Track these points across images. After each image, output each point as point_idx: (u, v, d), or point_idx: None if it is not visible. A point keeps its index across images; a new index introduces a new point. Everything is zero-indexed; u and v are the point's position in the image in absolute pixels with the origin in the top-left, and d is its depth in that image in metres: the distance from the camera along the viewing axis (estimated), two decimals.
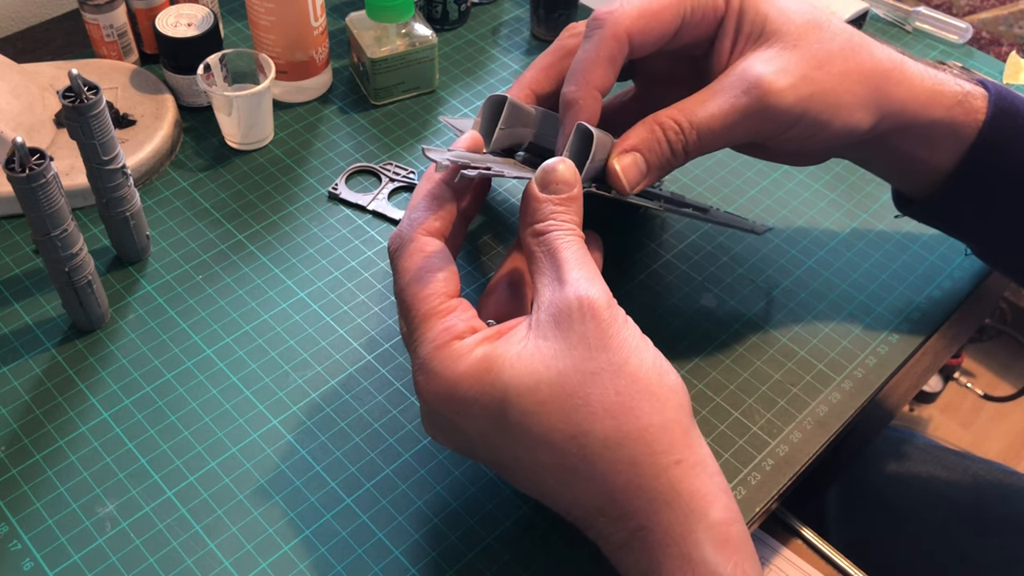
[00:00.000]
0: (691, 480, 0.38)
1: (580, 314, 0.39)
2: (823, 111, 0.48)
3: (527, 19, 0.80)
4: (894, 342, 0.58)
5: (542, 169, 0.43)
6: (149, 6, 0.70)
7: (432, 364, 0.40)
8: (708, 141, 0.48)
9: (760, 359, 0.56)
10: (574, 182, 0.43)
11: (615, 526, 0.39)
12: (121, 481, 0.49)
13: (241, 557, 0.46)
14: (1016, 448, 1.46)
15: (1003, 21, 1.27)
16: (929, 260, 0.62)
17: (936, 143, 0.51)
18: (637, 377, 0.39)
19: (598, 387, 0.38)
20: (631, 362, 0.39)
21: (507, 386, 0.38)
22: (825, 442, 0.53)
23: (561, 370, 0.38)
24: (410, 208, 0.44)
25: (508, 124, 0.48)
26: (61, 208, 0.49)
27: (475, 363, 0.39)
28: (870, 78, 0.49)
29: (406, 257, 0.43)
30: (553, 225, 0.42)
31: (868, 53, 0.49)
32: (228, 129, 0.67)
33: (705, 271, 0.61)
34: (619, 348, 0.39)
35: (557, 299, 0.40)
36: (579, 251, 0.41)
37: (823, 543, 0.60)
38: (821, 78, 0.48)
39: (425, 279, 0.42)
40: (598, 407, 0.38)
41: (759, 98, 0.47)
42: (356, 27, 0.70)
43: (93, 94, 0.50)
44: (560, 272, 0.40)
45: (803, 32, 0.48)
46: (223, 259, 0.60)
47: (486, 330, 0.41)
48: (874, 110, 0.49)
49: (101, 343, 0.55)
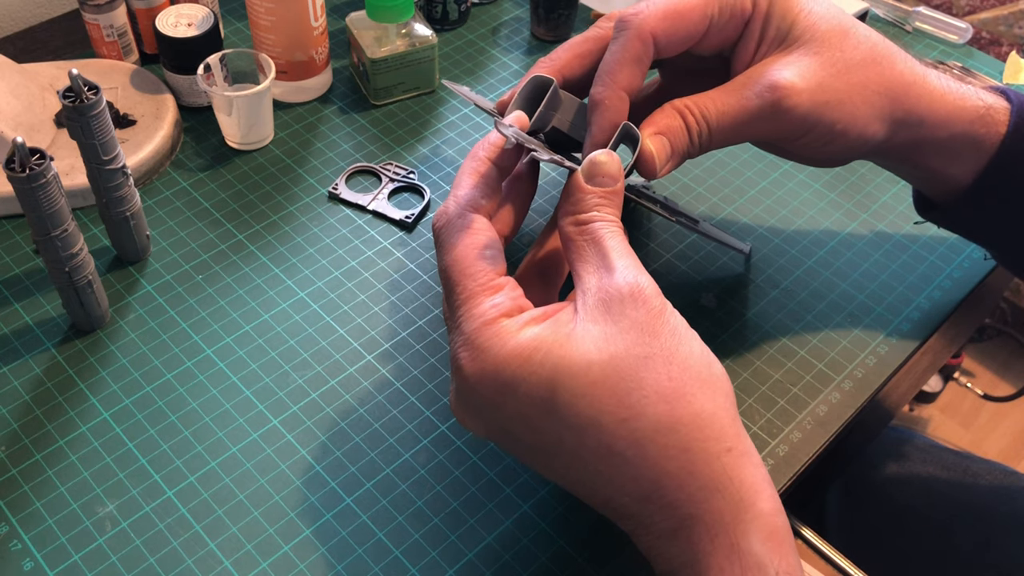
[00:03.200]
0: (741, 468, 0.38)
1: (632, 300, 0.39)
2: (838, 120, 0.48)
3: (527, 19, 0.80)
4: (894, 342, 0.58)
5: (590, 160, 0.43)
6: (149, 6, 0.70)
7: (479, 340, 0.39)
8: (720, 137, 0.48)
9: (760, 359, 0.56)
10: (619, 176, 0.43)
11: (662, 514, 0.38)
12: (121, 481, 0.49)
13: (241, 557, 0.46)
14: (1016, 448, 1.46)
15: (1003, 21, 1.27)
16: (929, 260, 0.62)
17: (956, 156, 0.51)
18: (688, 364, 0.38)
19: (651, 371, 0.38)
20: (681, 350, 0.39)
21: (557, 367, 0.38)
22: (825, 442, 0.53)
23: (613, 353, 0.38)
24: (456, 187, 0.44)
25: (548, 108, 0.48)
26: (61, 208, 0.49)
27: (525, 343, 0.39)
28: (890, 90, 0.49)
29: (453, 233, 0.42)
30: (597, 216, 0.42)
31: (890, 64, 0.49)
32: (228, 129, 0.67)
33: (705, 271, 0.61)
34: (671, 335, 0.39)
35: (606, 285, 0.39)
36: (623, 242, 0.41)
37: (823, 543, 0.60)
38: (839, 87, 0.48)
39: (472, 255, 0.41)
40: (651, 391, 0.37)
41: (775, 102, 0.47)
42: (356, 27, 0.70)
43: (93, 94, 0.50)
44: (607, 260, 0.40)
45: (827, 39, 0.48)
46: (223, 259, 0.60)
47: (533, 311, 0.41)
48: (890, 122, 0.49)
49: (101, 343, 0.55)
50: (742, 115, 0.47)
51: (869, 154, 0.53)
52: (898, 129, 0.50)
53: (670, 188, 0.66)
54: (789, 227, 0.64)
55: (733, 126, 0.48)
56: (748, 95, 0.47)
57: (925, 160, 0.52)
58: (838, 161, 0.53)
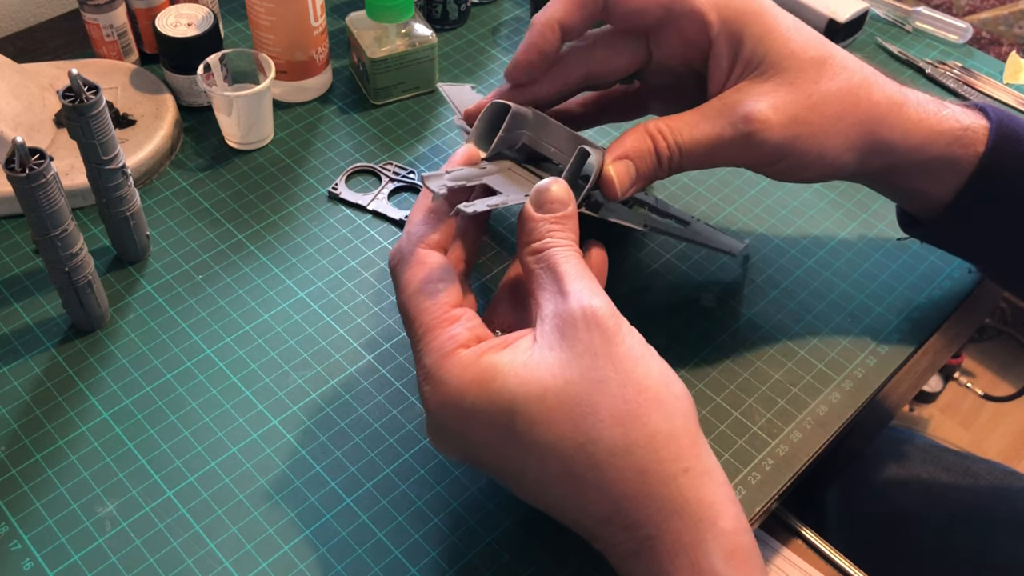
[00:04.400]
0: (699, 488, 0.38)
1: (585, 324, 0.39)
2: (809, 151, 0.49)
3: (527, 19, 0.80)
4: (894, 342, 0.58)
5: (536, 190, 0.44)
6: (149, 6, 0.70)
7: (438, 373, 0.40)
8: (691, 162, 0.49)
9: (760, 359, 0.56)
10: (568, 200, 0.44)
11: (624, 535, 0.39)
12: (121, 481, 0.49)
13: (241, 557, 0.46)
14: (1016, 448, 1.46)
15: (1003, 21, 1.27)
16: (929, 260, 0.62)
17: (933, 177, 0.52)
18: (644, 386, 0.39)
19: (606, 395, 0.38)
20: (637, 371, 0.39)
21: (514, 395, 0.39)
22: (825, 442, 0.53)
23: (568, 379, 0.38)
24: (409, 223, 0.45)
25: (508, 131, 0.49)
26: (61, 208, 0.49)
27: (481, 371, 0.39)
28: (865, 122, 0.49)
29: (407, 270, 0.43)
30: (551, 242, 0.42)
31: (867, 95, 0.49)
32: (228, 129, 0.67)
33: (705, 271, 0.61)
34: (625, 357, 0.39)
35: (560, 310, 0.40)
36: (578, 265, 0.42)
37: (823, 543, 0.60)
38: (813, 120, 0.48)
39: (427, 290, 0.42)
40: (606, 415, 0.38)
41: (748, 134, 0.48)
42: (356, 27, 0.70)
43: (93, 94, 0.50)
44: (561, 285, 0.41)
45: (805, 69, 0.48)
46: (223, 259, 0.60)
47: (492, 340, 0.42)
48: (863, 152, 0.50)
49: (101, 343, 0.55)
50: (715, 143, 0.48)
51: (844, 177, 0.53)
52: (872, 157, 0.50)
53: (670, 188, 0.66)
54: (789, 227, 0.64)
55: (705, 153, 0.49)
56: (722, 124, 0.48)
57: (902, 181, 0.53)
58: (813, 182, 0.54)
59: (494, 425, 0.39)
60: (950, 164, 0.51)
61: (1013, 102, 0.74)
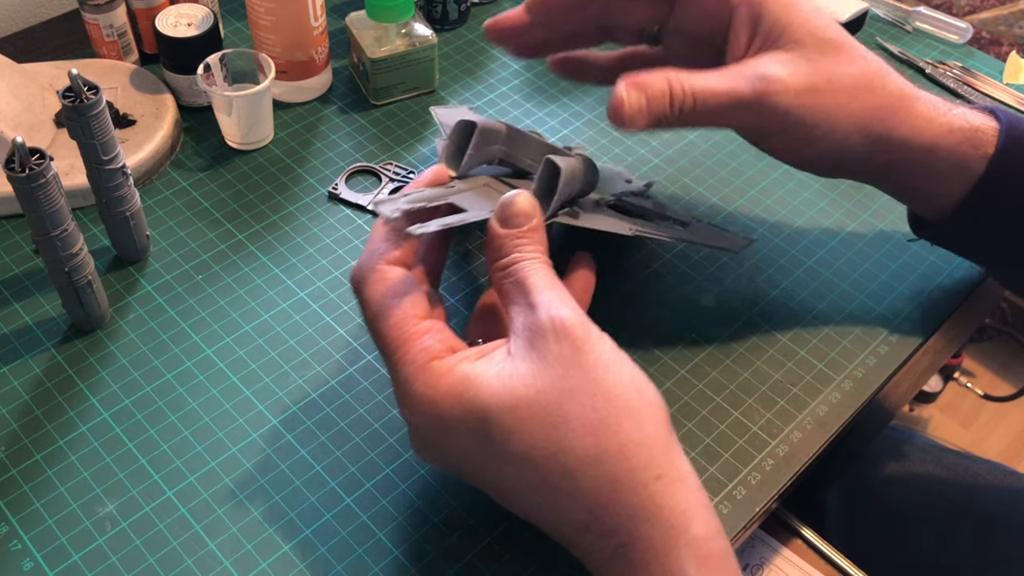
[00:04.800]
0: (671, 495, 0.38)
1: (554, 334, 0.39)
2: (818, 125, 0.49)
3: None
4: (894, 342, 0.58)
5: (500, 205, 0.43)
6: (149, 6, 0.70)
7: (414, 386, 0.41)
8: (701, 113, 0.49)
9: (760, 359, 0.56)
10: (533, 212, 0.44)
11: (599, 543, 0.39)
12: (121, 481, 0.49)
13: (241, 557, 0.46)
14: (1016, 448, 1.46)
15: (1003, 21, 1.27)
16: (929, 260, 0.62)
17: (942, 177, 0.52)
18: (615, 393, 0.39)
19: (576, 404, 0.38)
20: (608, 378, 0.39)
21: (488, 405, 0.39)
22: (825, 442, 0.53)
23: (540, 388, 0.38)
24: (370, 242, 0.44)
25: (477, 148, 0.49)
26: (61, 208, 0.49)
27: (455, 382, 0.40)
28: (877, 109, 0.49)
29: (369, 288, 0.43)
30: (517, 257, 0.42)
31: (881, 83, 0.50)
32: (228, 129, 0.67)
33: (705, 271, 0.61)
34: (595, 365, 0.39)
35: (530, 322, 0.40)
36: (546, 276, 0.42)
37: (823, 543, 0.60)
38: (826, 92, 0.49)
39: (392, 305, 0.42)
40: (577, 424, 0.38)
41: (761, 92, 0.48)
42: (356, 27, 0.70)
43: (93, 94, 0.50)
44: (530, 298, 0.41)
45: (823, 49, 0.49)
46: (223, 259, 0.60)
47: (466, 351, 0.42)
48: (872, 139, 0.50)
49: (101, 343, 0.55)
50: (728, 98, 0.48)
51: (852, 171, 0.53)
52: (880, 149, 0.50)
53: (670, 188, 0.66)
54: (789, 227, 0.64)
55: (716, 107, 0.48)
56: (738, 81, 0.48)
57: (911, 180, 0.53)
58: (817, 167, 0.53)
59: (471, 435, 0.40)
60: (959, 164, 0.51)
61: (1013, 102, 0.74)
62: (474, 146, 0.49)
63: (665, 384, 0.54)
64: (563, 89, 0.74)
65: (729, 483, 0.50)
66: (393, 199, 0.44)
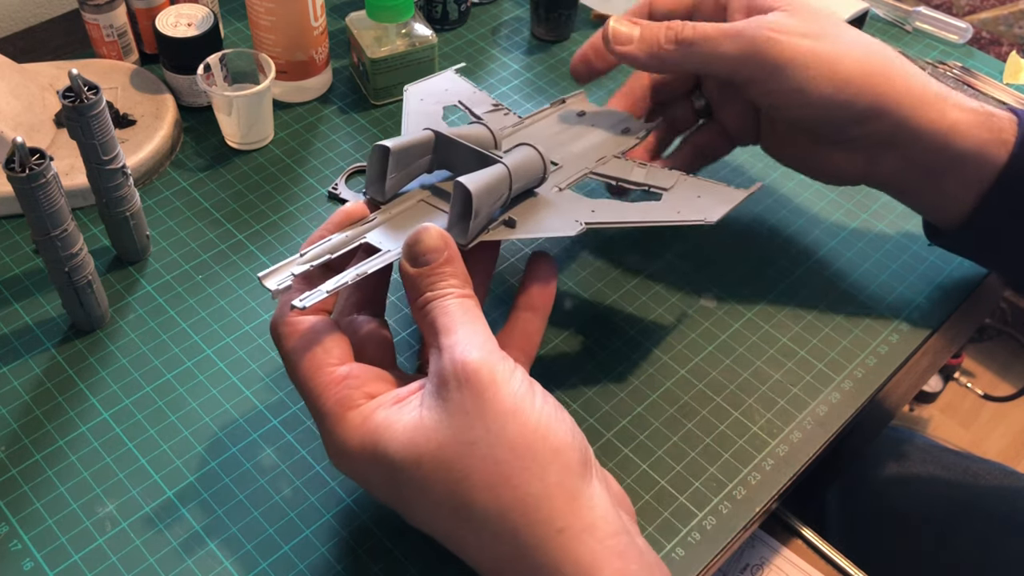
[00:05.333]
0: (575, 548, 0.37)
1: (456, 382, 0.38)
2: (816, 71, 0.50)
3: (527, 19, 0.80)
4: (894, 342, 0.58)
5: (406, 244, 0.42)
6: (149, 6, 0.70)
7: (332, 437, 0.40)
8: (699, 51, 0.51)
9: (760, 359, 0.56)
10: (442, 246, 0.41)
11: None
12: (121, 481, 0.49)
13: (241, 557, 0.46)
14: (1016, 448, 1.46)
15: (1003, 21, 1.27)
16: (929, 260, 0.62)
17: (961, 169, 0.51)
18: (516, 443, 0.37)
19: (476, 458, 0.37)
20: (509, 427, 0.37)
21: (394, 461, 0.38)
22: (825, 442, 0.53)
23: (441, 442, 0.37)
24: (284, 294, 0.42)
25: (398, 170, 0.47)
26: (61, 208, 0.49)
27: (368, 433, 0.39)
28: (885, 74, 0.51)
29: (283, 341, 0.42)
30: (429, 296, 0.41)
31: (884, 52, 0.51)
32: (228, 129, 0.67)
33: (705, 271, 0.61)
34: (497, 414, 0.37)
35: (437, 369, 0.39)
36: (455, 314, 0.40)
37: (823, 543, 0.60)
38: (826, 40, 0.50)
39: (304, 357, 0.41)
40: (477, 479, 0.37)
41: (760, 37, 0.50)
42: (356, 27, 0.70)
43: (93, 94, 0.50)
44: (439, 340, 0.40)
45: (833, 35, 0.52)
46: (223, 259, 0.60)
47: (384, 396, 0.41)
48: (874, 94, 0.50)
49: (101, 343, 0.55)
50: (725, 34, 0.50)
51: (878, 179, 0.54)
52: (884, 108, 0.50)
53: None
54: (789, 227, 0.64)
55: (714, 47, 0.50)
56: (739, 24, 0.51)
57: (931, 177, 0.52)
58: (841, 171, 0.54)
59: (386, 487, 0.40)
60: (979, 153, 0.51)
61: (1013, 102, 0.74)
62: (392, 169, 0.46)
63: (665, 384, 0.54)
64: (563, 89, 0.74)
65: (729, 483, 0.50)
66: (282, 266, 0.42)
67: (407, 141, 0.47)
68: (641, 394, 0.54)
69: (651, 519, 0.49)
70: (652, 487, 0.50)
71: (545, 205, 0.49)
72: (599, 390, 0.54)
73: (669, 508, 0.49)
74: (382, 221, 0.46)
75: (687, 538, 0.48)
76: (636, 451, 0.51)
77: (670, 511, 0.49)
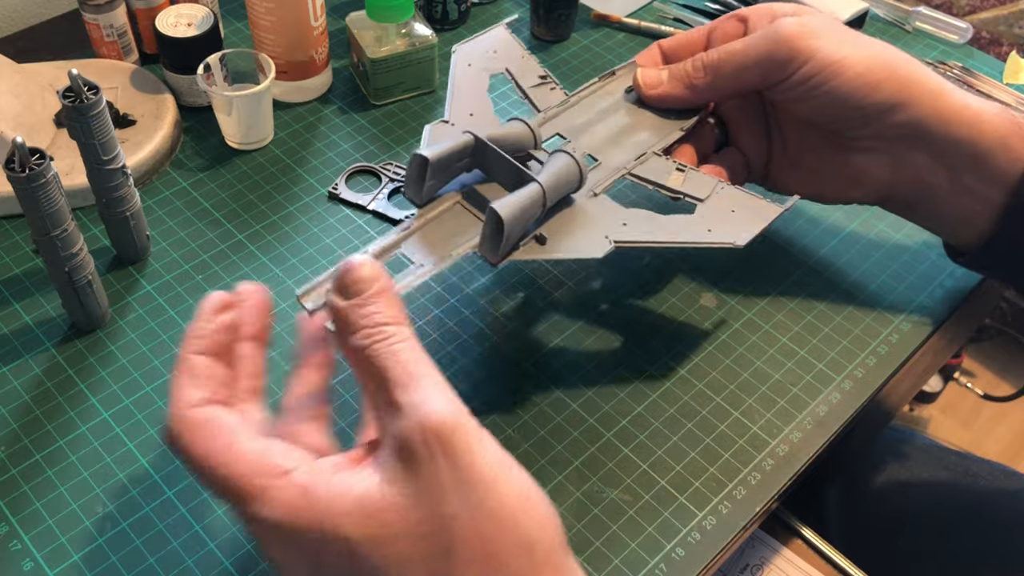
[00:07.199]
0: None
1: (427, 449, 0.33)
2: (837, 62, 0.51)
3: (527, 19, 0.80)
4: (894, 342, 0.58)
5: (337, 278, 0.37)
6: (149, 6, 0.70)
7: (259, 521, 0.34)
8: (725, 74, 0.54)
9: (760, 359, 0.56)
10: (372, 278, 0.36)
11: None
12: (121, 481, 0.49)
13: (241, 557, 0.46)
14: (1016, 448, 1.46)
15: (1003, 21, 1.27)
16: (929, 260, 0.62)
17: (987, 163, 0.51)
18: (499, 515, 0.33)
19: (458, 534, 0.33)
20: (490, 497, 0.33)
21: (351, 541, 0.33)
22: (825, 442, 0.53)
23: (418, 519, 0.33)
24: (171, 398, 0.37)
25: (435, 176, 0.47)
26: (61, 208, 0.49)
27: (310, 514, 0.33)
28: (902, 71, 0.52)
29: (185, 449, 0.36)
30: (370, 335, 0.35)
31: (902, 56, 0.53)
32: (228, 129, 0.67)
33: (705, 271, 0.61)
34: (477, 483, 0.33)
35: (396, 431, 0.33)
36: (411, 362, 0.35)
37: (823, 543, 0.60)
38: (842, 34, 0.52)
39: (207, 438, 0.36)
40: (461, 555, 0.33)
41: (777, 26, 0.52)
42: (356, 27, 0.70)
43: (93, 94, 0.50)
44: (392, 395, 0.34)
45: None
46: (223, 259, 0.60)
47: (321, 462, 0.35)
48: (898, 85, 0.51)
49: (101, 343, 0.55)
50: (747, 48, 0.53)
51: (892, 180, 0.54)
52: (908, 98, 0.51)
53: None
54: (790, 227, 0.64)
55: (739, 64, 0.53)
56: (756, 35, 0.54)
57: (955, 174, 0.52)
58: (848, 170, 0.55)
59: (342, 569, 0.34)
60: (1004, 145, 0.51)
61: (1013, 102, 0.74)
62: (430, 176, 0.47)
63: (665, 384, 0.54)
64: None
65: (729, 483, 0.50)
66: (318, 284, 0.41)
67: (445, 149, 0.47)
68: (641, 394, 0.54)
69: (651, 519, 0.49)
70: (652, 487, 0.50)
71: (578, 216, 0.50)
72: (599, 390, 0.54)
73: (669, 508, 0.49)
74: (419, 227, 0.47)
75: (687, 538, 0.48)
76: (636, 451, 0.51)
77: (670, 511, 0.49)
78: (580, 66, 0.76)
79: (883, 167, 0.54)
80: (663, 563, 0.47)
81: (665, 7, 0.82)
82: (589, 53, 0.77)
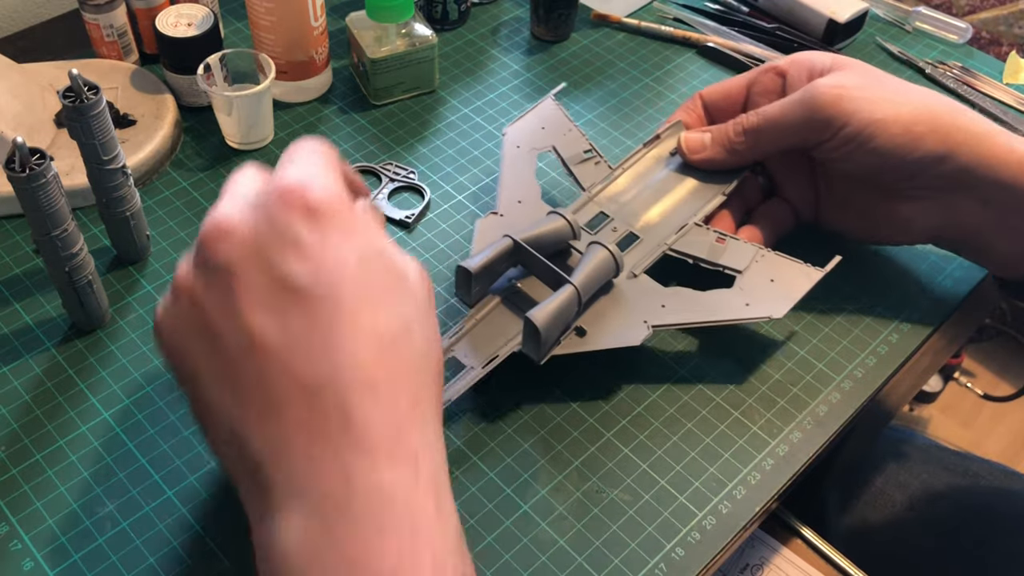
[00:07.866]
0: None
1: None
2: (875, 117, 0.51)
3: (527, 19, 0.80)
4: (894, 342, 0.58)
5: None
6: (149, 6, 0.70)
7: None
8: (766, 134, 0.55)
9: (760, 359, 0.56)
10: None
11: None
12: (121, 481, 0.49)
13: (241, 556, 0.46)
14: (1016, 448, 1.46)
15: (1003, 21, 1.27)
16: (929, 260, 0.62)
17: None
18: None
19: None
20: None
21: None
22: (825, 442, 0.53)
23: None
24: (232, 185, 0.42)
25: (480, 283, 0.52)
26: (61, 208, 0.49)
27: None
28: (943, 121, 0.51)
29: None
30: None
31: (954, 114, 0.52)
32: (228, 129, 0.67)
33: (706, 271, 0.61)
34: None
35: None
36: None
37: (823, 543, 0.60)
38: (882, 90, 0.52)
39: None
40: None
41: (810, 97, 0.52)
42: (356, 27, 0.70)
43: (93, 94, 0.50)
44: None
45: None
46: None
47: None
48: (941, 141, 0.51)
49: (101, 343, 0.55)
50: (783, 111, 0.53)
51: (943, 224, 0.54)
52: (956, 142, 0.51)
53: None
54: None
55: (775, 124, 0.54)
56: (791, 98, 0.54)
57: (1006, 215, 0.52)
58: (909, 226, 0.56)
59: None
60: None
61: (1013, 102, 0.74)
62: (475, 284, 0.51)
63: (665, 384, 0.54)
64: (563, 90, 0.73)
65: (729, 483, 0.50)
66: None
67: (487, 258, 0.51)
68: (641, 394, 0.54)
69: (651, 519, 0.49)
70: (652, 487, 0.50)
71: (618, 302, 0.53)
72: (600, 390, 0.54)
73: (669, 508, 0.49)
74: (469, 329, 0.51)
75: (687, 538, 0.48)
76: (636, 451, 0.51)
77: (670, 511, 0.49)
78: (580, 66, 0.76)
79: (932, 214, 0.54)
80: (663, 563, 0.47)
81: (665, 7, 0.82)
82: (589, 53, 0.77)
